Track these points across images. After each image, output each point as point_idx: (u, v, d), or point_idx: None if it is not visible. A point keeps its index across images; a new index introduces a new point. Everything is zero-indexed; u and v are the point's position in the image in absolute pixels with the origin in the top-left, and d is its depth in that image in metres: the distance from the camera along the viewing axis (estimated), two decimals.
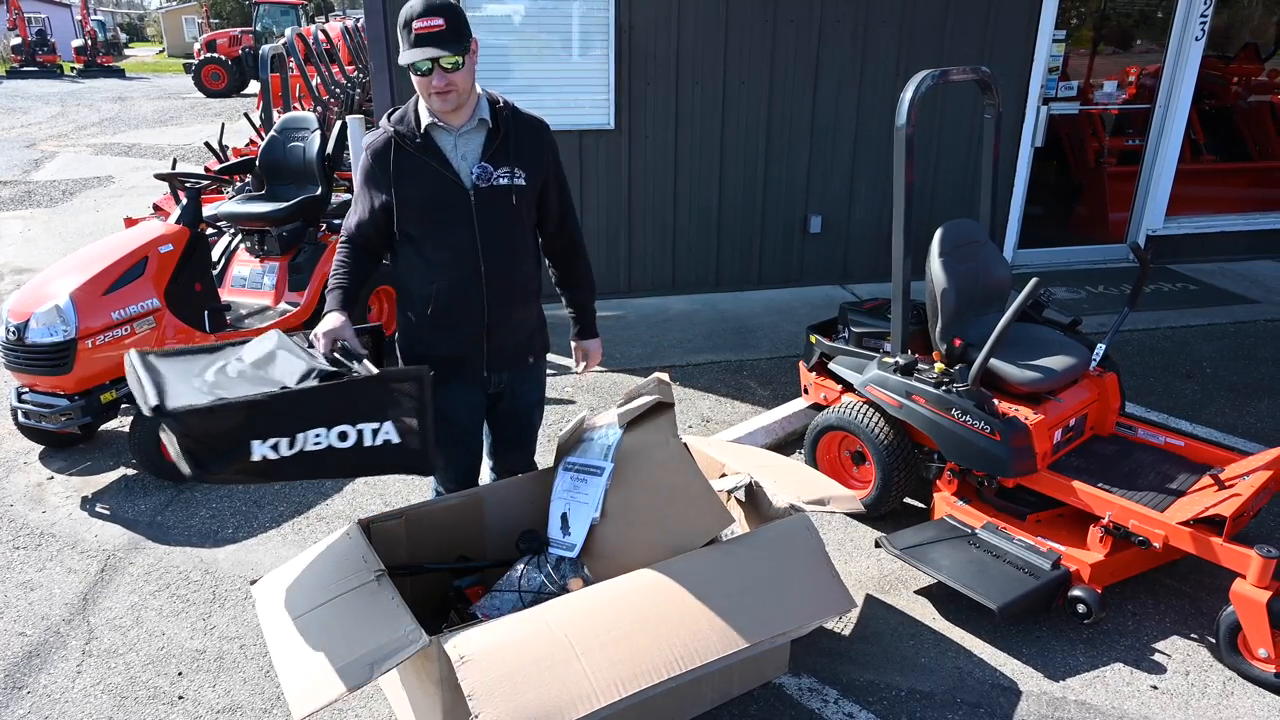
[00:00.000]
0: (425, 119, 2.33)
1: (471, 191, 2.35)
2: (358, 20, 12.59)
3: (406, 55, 2.20)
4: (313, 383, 2.13)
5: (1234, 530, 2.68)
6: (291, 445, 2.05)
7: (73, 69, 26.89)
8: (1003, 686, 2.64)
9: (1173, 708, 2.56)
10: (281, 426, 2.04)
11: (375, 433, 2.14)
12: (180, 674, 2.70)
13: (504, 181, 2.37)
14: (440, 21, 2.18)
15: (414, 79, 2.26)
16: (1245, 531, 3.28)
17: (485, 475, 2.99)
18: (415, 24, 2.18)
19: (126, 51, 39.93)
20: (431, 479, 2.85)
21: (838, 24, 5.67)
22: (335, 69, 9.03)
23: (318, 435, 2.08)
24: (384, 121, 2.41)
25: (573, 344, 2.80)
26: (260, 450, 2.02)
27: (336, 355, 2.31)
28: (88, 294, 3.66)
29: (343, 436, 2.10)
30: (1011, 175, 6.30)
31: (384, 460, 2.18)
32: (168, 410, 1.97)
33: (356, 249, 2.50)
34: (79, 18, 28.72)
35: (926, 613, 2.95)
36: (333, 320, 2.39)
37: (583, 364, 2.80)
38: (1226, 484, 2.89)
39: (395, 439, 2.16)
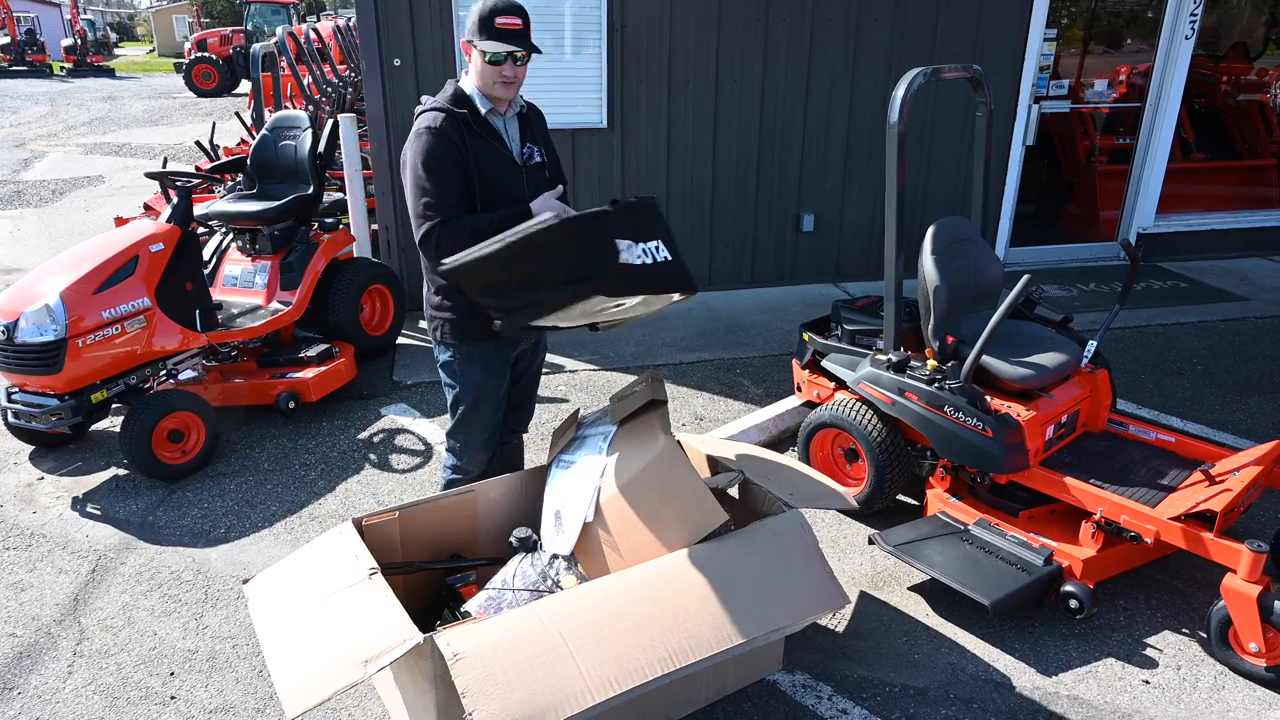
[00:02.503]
0: (483, 106, 2.55)
1: (524, 169, 2.63)
2: (349, 19, 12.54)
3: (488, 45, 2.44)
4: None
5: (1224, 525, 2.70)
6: (634, 254, 2.25)
7: (62, 68, 26.74)
8: (995, 682, 2.64)
9: (1164, 702, 2.58)
10: (628, 234, 2.23)
11: (658, 249, 2.29)
12: (172, 674, 2.69)
13: (538, 159, 2.70)
14: (519, 21, 2.49)
15: (481, 67, 2.50)
16: (1235, 527, 3.30)
17: None
18: (498, 19, 2.45)
19: (116, 51, 39.73)
20: (442, 469, 2.88)
21: (829, 22, 5.68)
22: (327, 68, 8.99)
23: (638, 250, 2.27)
24: (439, 103, 2.52)
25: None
26: (625, 254, 2.20)
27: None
28: (78, 293, 3.64)
29: (645, 252, 2.28)
30: (1003, 173, 6.32)
31: (670, 276, 2.31)
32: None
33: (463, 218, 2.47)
34: (68, 17, 28.58)
35: (919, 609, 2.96)
36: (548, 202, 2.50)
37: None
38: (1217, 479, 2.90)
39: (669, 255, 2.31)
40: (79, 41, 26.70)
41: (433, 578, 2.68)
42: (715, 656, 2.18)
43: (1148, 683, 2.65)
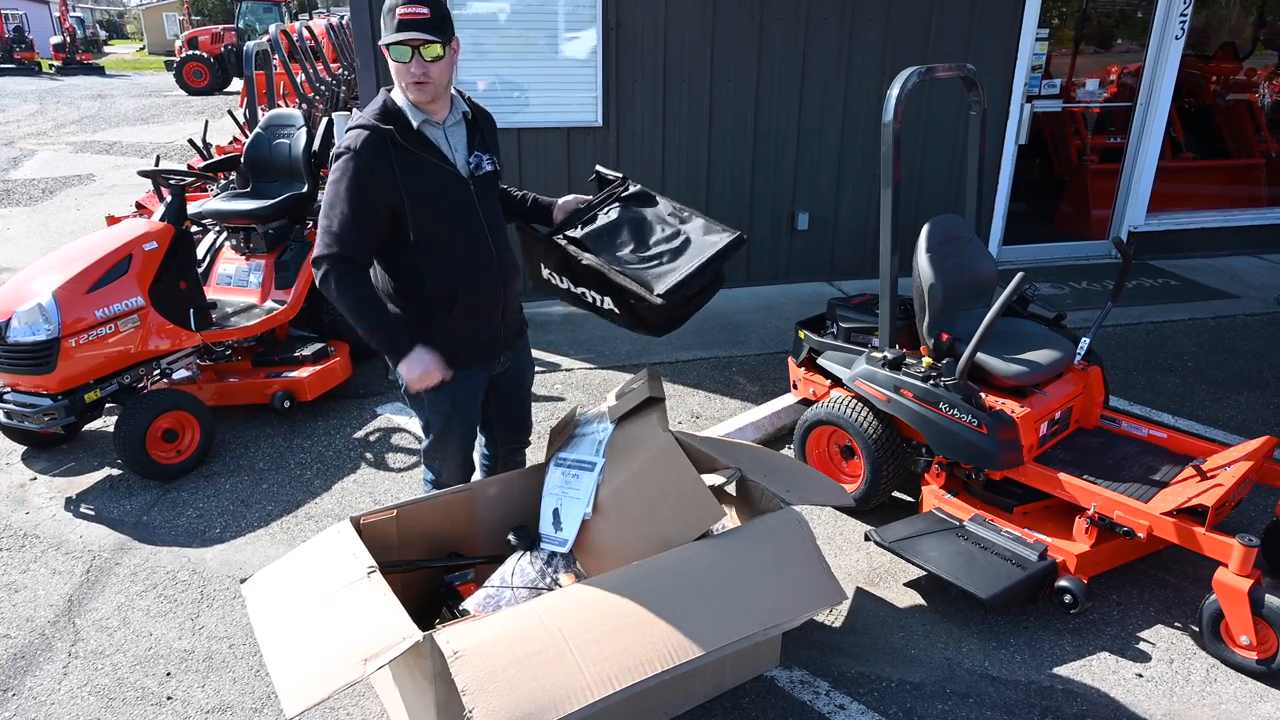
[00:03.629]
0: (415, 118, 2.33)
1: (470, 181, 2.43)
2: (342, 17, 12.51)
3: (388, 37, 2.22)
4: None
5: (1216, 520, 2.72)
6: None
7: (51, 66, 26.58)
8: (991, 676, 2.66)
9: (1158, 695, 2.60)
10: None
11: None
12: (169, 674, 2.69)
13: (489, 168, 2.50)
14: (425, 10, 2.21)
15: (392, 66, 2.27)
16: (1226, 521, 3.33)
17: (475, 455, 2.99)
18: (400, 9, 2.19)
19: (106, 49, 39.52)
20: (423, 483, 2.85)
21: (824, 22, 5.70)
22: (320, 66, 8.96)
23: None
24: (365, 120, 2.30)
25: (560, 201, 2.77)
26: None
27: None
28: (71, 292, 3.62)
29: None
30: (996, 172, 6.35)
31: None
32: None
33: (364, 272, 2.35)
34: (57, 14, 28.42)
35: (915, 605, 2.98)
36: (428, 360, 2.38)
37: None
38: (1208, 475, 2.93)
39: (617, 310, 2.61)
40: (68, 39, 26.54)
41: (431, 576, 2.68)
42: (714, 653, 2.19)
43: (1141, 676, 2.67)
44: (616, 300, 2.58)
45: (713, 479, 2.89)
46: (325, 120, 4.95)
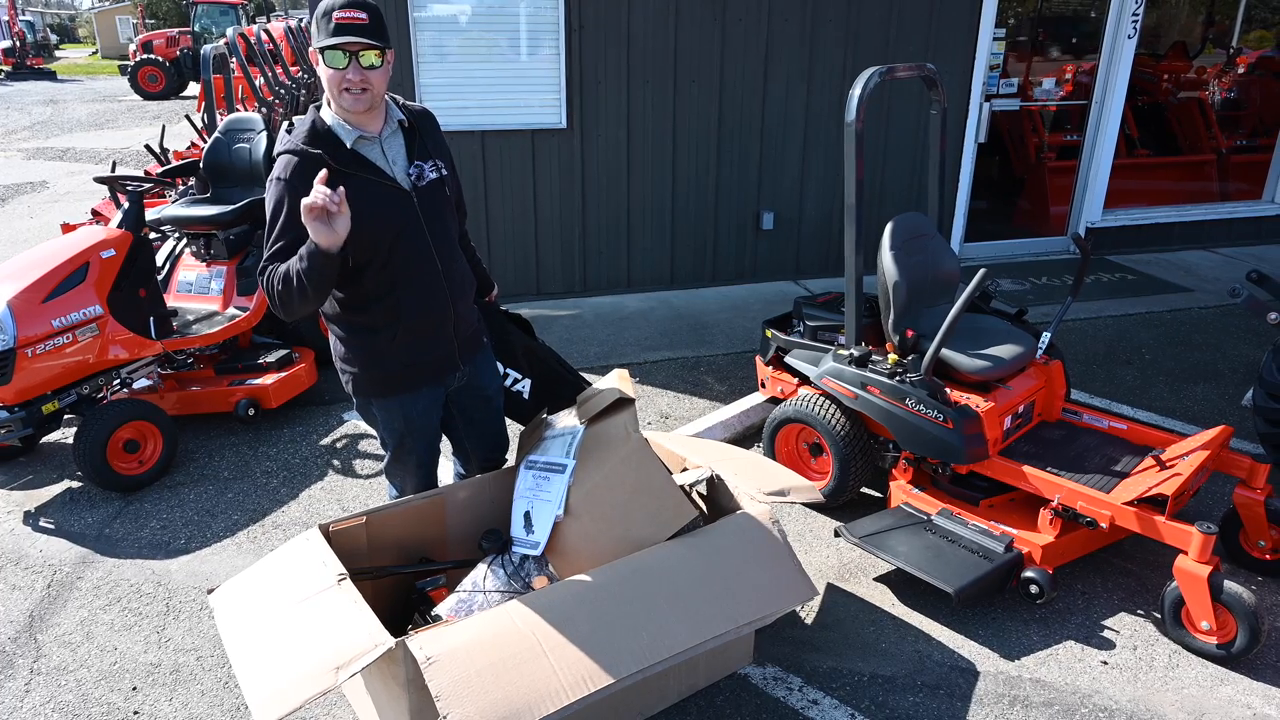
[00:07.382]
0: (348, 136, 2.23)
1: (413, 194, 2.31)
2: (301, 20, 12.36)
3: (324, 41, 2.13)
4: None
5: (1175, 508, 2.79)
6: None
7: (0, 71, 25.92)
8: (961, 668, 2.70)
9: (1122, 681, 2.65)
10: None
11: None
12: (135, 689, 2.63)
13: (434, 175, 2.37)
14: (364, 16, 2.14)
15: (326, 74, 2.17)
16: (1186, 509, 3.41)
17: (451, 478, 2.97)
18: (337, 14, 2.12)
19: (57, 53, 38.61)
20: (389, 490, 2.81)
21: (785, 23, 5.74)
22: (279, 70, 8.83)
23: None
24: (293, 145, 2.21)
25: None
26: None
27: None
28: (26, 301, 3.54)
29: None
30: (957, 170, 6.44)
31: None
32: None
33: None
34: (6, 18, 27.70)
35: (885, 599, 3.01)
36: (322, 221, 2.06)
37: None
38: (1167, 464, 3.00)
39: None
40: (18, 43, 25.91)
41: (402, 583, 2.66)
42: (687, 652, 2.20)
43: (1106, 663, 2.73)
44: (539, 386, 3.00)
45: (683, 479, 2.90)
46: (286, 124, 4.88)
